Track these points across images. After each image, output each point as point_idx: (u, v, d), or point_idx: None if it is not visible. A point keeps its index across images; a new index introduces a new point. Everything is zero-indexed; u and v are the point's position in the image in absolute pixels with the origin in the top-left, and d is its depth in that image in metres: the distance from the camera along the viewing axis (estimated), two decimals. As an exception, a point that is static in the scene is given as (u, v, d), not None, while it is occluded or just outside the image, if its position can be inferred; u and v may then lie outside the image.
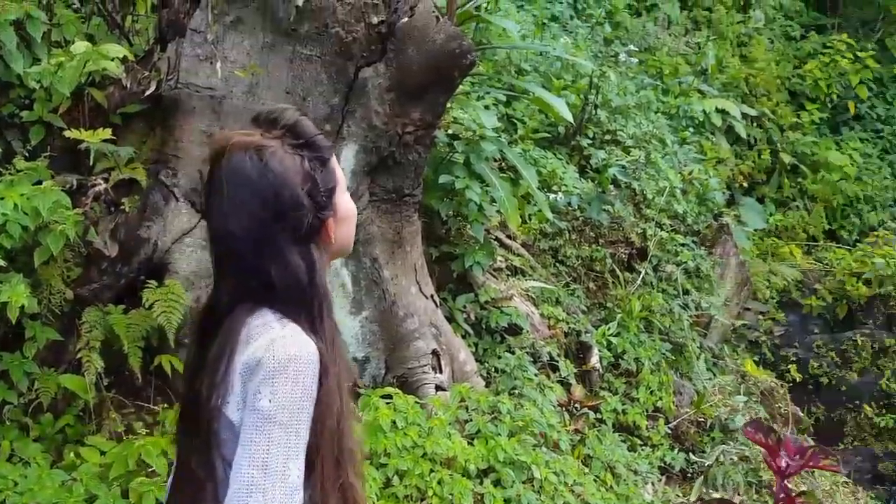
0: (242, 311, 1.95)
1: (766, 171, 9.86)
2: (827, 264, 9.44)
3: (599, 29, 7.72)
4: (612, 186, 6.32)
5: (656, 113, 7.26)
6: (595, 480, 4.74)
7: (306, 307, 1.96)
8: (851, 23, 11.16)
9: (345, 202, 2.05)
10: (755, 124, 9.79)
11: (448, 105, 5.16)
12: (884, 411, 8.81)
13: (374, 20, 3.96)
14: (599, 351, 5.66)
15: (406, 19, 4.02)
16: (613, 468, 4.97)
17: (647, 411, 5.63)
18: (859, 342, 8.90)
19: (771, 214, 9.70)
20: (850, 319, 9.08)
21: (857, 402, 8.84)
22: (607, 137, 6.59)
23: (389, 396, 4.24)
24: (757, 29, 10.16)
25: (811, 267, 9.40)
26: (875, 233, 9.66)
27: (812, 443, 7.09)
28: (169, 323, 3.70)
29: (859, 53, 10.36)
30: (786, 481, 2.28)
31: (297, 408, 1.86)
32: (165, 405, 3.84)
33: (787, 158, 9.90)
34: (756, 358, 8.16)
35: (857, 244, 9.71)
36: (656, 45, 9.00)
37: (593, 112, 6.51)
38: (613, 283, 6.15)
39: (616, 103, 6.72)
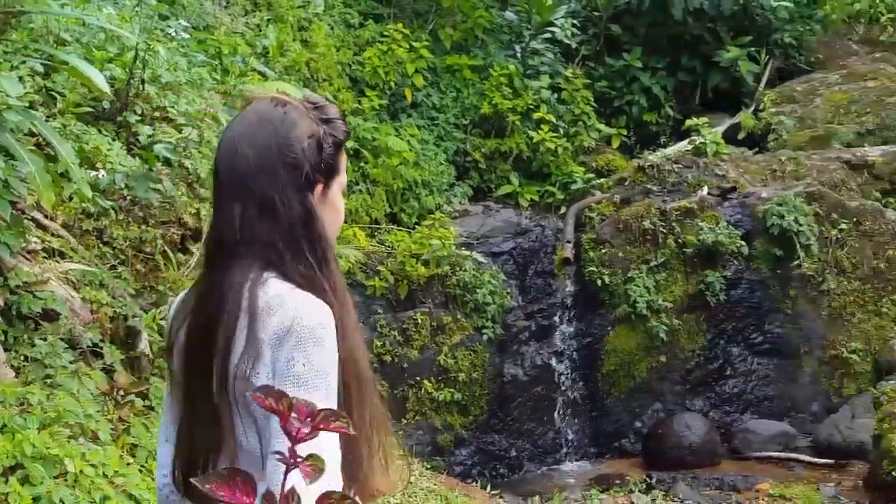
0: (251, 283, 2.09)
1: (329, 155, 10.07)
2: (389, 246, 9.83)
3: (153, 3, 7.45)
4: (162, 165, 6.12)
5: (210, 91, 7.14)
6: (141, 470, 4.55)
7: (308, 252, 2.13)
8: (406, 13, 11.69)
9: (338, 194, 2.25)
10: (318, 109, 9.97)
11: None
12: (442, 386, 9.34)
13: None
14: (149, 336, 5.46)
15: None
16: (162, 455, 4.81)
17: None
18: (419, 320, 9.36)
19: (335, 198, 9.95)
20: (412, 299, 9.53)
21: (418, 378, 9.30)
22: (157, 114, 6.38)
23: None
24: (317, 14, 10.34)
25: (375, 249, 9.75)
26: (432, 216, 10.20)
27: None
28: None
29: (414, 43, 10.87)
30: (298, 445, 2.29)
31: (327, 369, 2.03)
32: None
33: (349, 143, 10.18)
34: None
35: (417, 227, 10.20)
36: (215, 25, 8.88)
37: (141, 87, 6.28)
38: (165, 265, 5.96)
39: (166, 79, 6.52)
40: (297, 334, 2.02)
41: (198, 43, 8.19)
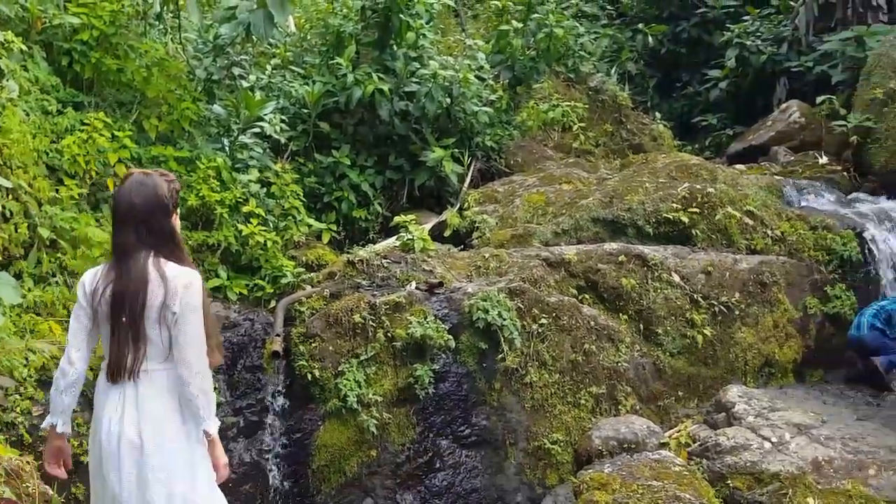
0: (153, 258, 4.92)
1: (23, 245, 9.65)
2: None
3: None
4: None
5: None
6: None
7: (179, 248, 5.06)
8: (109, 102, 11.45)
9: (177, 217, 5.28)
10: (11, 197, 9.57)
11: None
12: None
13: None
14: None
15: None
16: None
17: None
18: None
19: (29, 290, 9.50)
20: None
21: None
22: None
23: None
24: (11, 100, 9.97)
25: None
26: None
27: None
28: None
29: (117, 133, 10.68)
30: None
31: (202, 302, 4.93)
32: None
33: (45, 233, 9.81)
34: (14, 438, 7.86)
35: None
36: None
37: None
38: None
39: None
40: (194, 286, 4.92)
41: None
